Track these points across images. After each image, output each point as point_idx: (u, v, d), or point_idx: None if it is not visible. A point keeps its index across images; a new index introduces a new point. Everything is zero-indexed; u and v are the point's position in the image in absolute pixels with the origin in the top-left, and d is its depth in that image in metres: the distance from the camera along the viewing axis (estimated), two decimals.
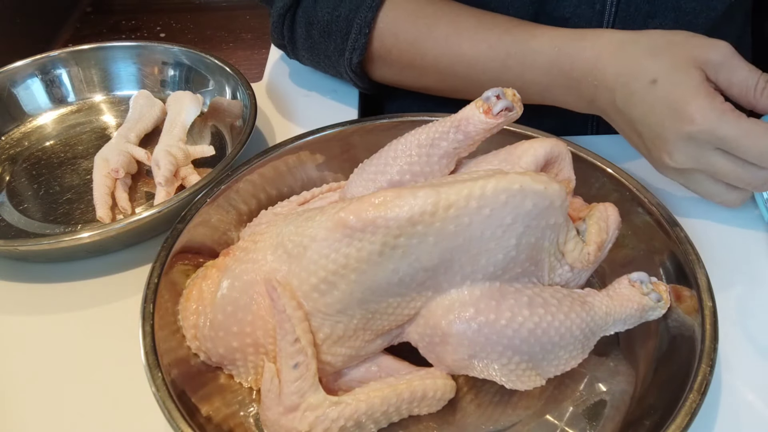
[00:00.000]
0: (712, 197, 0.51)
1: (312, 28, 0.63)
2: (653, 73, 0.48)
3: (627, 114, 0.50)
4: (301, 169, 0.54)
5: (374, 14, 0.59)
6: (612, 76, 0.50)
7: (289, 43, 0.66)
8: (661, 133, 0.48)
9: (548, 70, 0.54)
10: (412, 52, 0.60)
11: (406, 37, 0.59)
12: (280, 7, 0.63)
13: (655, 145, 0.49)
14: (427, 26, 0.59)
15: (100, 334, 0.49)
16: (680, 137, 0.47)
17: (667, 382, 0.40)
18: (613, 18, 0.60)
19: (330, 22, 0.61)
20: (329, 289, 0.38)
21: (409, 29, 0.59)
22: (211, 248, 0.49)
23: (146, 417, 0.43)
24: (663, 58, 0.48)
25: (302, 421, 0.38)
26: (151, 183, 0.61)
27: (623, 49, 0.50)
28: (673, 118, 0.47)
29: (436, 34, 0.58)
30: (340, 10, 0.60)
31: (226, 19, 1.01)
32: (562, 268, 0.42)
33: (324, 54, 0.64)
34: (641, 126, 0.50)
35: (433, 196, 0.37)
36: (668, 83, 0.47)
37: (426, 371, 0.42)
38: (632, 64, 0.49)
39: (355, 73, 0.63)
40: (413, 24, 0.59)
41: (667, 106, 0.47)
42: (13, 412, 0.44)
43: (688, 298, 0.43)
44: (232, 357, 0.42)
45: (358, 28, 0.59)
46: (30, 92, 0.69)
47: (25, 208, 0.59)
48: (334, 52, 0.63)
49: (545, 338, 0.39)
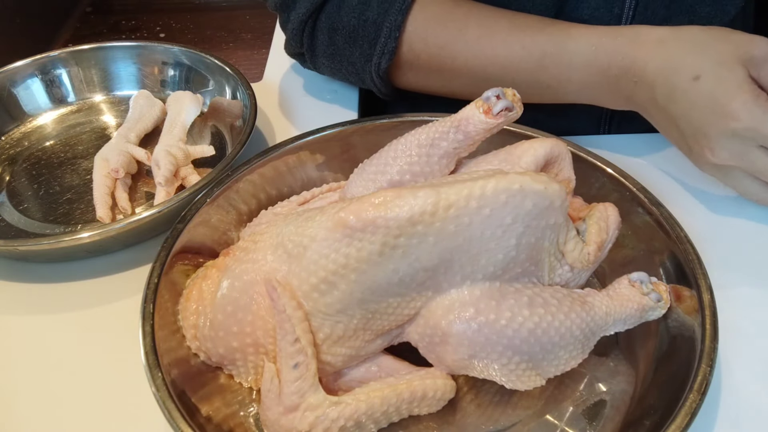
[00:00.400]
0: (750, 195, 0.51)
1: (336, 34, 0.61)
2: (696, 69, 0.48)
3: (668, 110, 0.50)
4: (301, 169, 0.54)
5: (404, 17, 0.58)
6: (652, 73, 0.50)
7: (308, 51, 0.64)
8: (704, 130, 0.48)
9: (585, 69, 0.54)
10: (442, 55, 0.58)
11: (436, 40, 0.58)
12: (302, 13, 0.61)
13: (697, 141, 0.49)
14: (457, 29, 0.58)
15: (100, 334, 0.49)
16: (723, 134, 0.47)
17: (667, 382, 0.40)
18: (631, 21, 0.60)
19: (356, 26, 0.59)
20: (329, 289, 0.38)
21: (439, 32, 0.58)
22: (211, 248, 0.49)
23: (146, 417, 0.43)
24: (706, 54, 0.48)
25: (302, 421, 0.38)
26: (151, 183, 0.61)
27: (663, 45, 0.50)
28: (716, 115, 0.47)
29: (468, 36, 0.57)
30: (368, 15, 0.59)
31: (226, 19, 1.01)
32: (562, 268, 0.42)
33: (348, 61, 0.62)
34: (683, 122, 0.50)
35: (433, 196, 0.37)
36: (712, 79, 0.47)
37: (426, 371, 0.42)
38: (674, 60, 0.49)
39: (381, 79, 0.62)
40: (443, 27, 0.58)
41: (711, 103, 0.47)
42: (13, 412, 0.44)
43: (688, 298, 0.43)
44: (232, 357, 0.42)
45: (387, 31, 0.58)
46: (30, 92, 0.69)
47: (25, 208, 0.59)
48: (359, 58, 0.61)
49: (545, 338, 0.39)
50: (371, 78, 0.62)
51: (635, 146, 0.62)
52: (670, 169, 0.60)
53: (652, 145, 0.63)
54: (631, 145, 0.63)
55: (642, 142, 0.63)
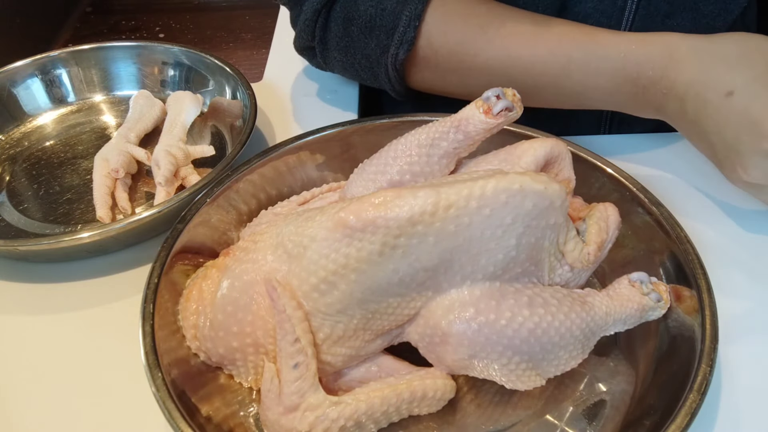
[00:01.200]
0: None
1: (351, 25, 0.58)
2: (729, 85, 0.47)
3: (699, 125, 0.49)
4: (301, 169, 0.54)
5: (424, 6, 0.55)
6: (683, 86, 0.49)
7: (320, 44, 0.61)
8: (737, 147, 0.47)
9: (613, 77, 0.52)
10: (461, 52, 0.56)
11: (456, 36, 0.56)
12: (315, 2, 0.58)
13: (729, 157, 0.48)
14: (479, 26, 0.55)
15: (100, 334, 0.49)
16: (757, 153, 0.46)
17: (667, 382, 0.40)
18: (633, 15, 0.59)
19: (374, 16, 0.57)
20: (329, 289, 0.38)
21: (459, 27, 0.55)
22: (211, 248, 0.49)
23: (146, 417, 0.43)
24: (739, 68, 0.47)
25: (302, 421, 0.38)
26: (151, 183, 0.61)
27: (696, 56, 0.48)
28: (750, 134, 0.46)
29: (490, 34, 0.55)
30: (386, 4, 0.56)
31: (226, 19, 1.01)
32: (562, 268, 0.42)
33: (362, 53, 0.59)
34: (714, 137, 0.48)
35: (433, 196, 0.37)
36: (746, 96, 0.46)
37: (426, 371, 0.42)
38: (706, 73, 0.48)
39: (397, 73, 0.59)
40: (464, 22, 0.55)
41: (744, 121, 0.46)
42: (13, 412, 0.44)
43: (688, 298, 0.43)
44: (232, 357, 0.42)
45: (406, 20, 0.55)
46: (30, 92, 0.69)
47: (25, 208, 0.59)
48: (375, 49, 0.58)
49: (545, 338, 0.39)
50: (386, 72, 0.59)
51: (635, 146, 0.62)
52: (670, 169, 0.60)
53: (652, 145, 0.63)
54: (631, 145, 0.63)
55: (642, 142, 0.63)
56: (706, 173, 0.59)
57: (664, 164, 0.60)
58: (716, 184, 0.57)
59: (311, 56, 0.65)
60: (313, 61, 0.66)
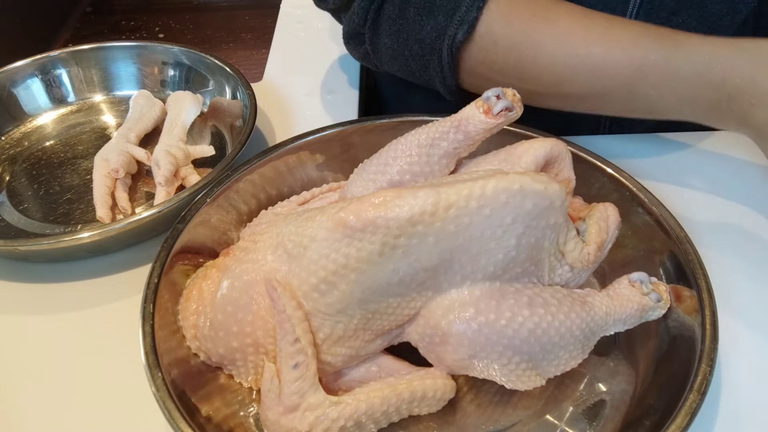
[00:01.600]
0: None
1: (408, 5, 0.54)
2: None
3: None
4: (301, 169, 0.54)
5: None
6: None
7: (371, 29, 0.57)
8: None
9: (693, 82, 0.48)
10: (524, 44, 0.51)
11: (520, 24, 0.51)
12: None
13: None
14: (545, 18, 0.51)
15: (100, 334, 0.49)
16: None
17: (667, 382, 0.40)
18: (637, 10, 0.58)
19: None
20: (329, 289, 0.38)
21: (525, 17, 0.51)
22: (211, 248, 0.49)
23: (146, 417, 0.43)
24: None
25: (302, 421, 0.38)
26: (151, 183, 0.61)
27: None
28: None
29: (558, 28, 0.51)
30: None
31: (226, 19, 1.01)
32: (562, 268, 0.42)
33: (415, 37, 0.55)
34: None
35: (433, 196, 0.37)
36: None
37: (426, 371, 0.42)
38: None
39: (452, 59, 0.54)
40: (530, 13, 0.51)
41: None
42: (13, 412, 0.44)
43: (688, 298, 0.43)
44: (232, 357, 0.42)
45: (470, 0, 0.51)
46: (30, 92, 0.69)
47: (25, 208, 0.59)
48: (431, 32, 0.54)
49: (545, 338, 0.39)
50: (439, 60, 0.55)
51: (635, 146, 0.62)
52: (670, 169, 0.60)
53: (652, 145, 0.63)
54: (631, 145, 0.63)
55: (642, 142, 0.63)
56: (706, 173, 0.59)
57: (664, 164, 0.60)
58: (716, 184, 0.57)
59: (359, 44, 0.60)
60: (359, 50, 0.61)
